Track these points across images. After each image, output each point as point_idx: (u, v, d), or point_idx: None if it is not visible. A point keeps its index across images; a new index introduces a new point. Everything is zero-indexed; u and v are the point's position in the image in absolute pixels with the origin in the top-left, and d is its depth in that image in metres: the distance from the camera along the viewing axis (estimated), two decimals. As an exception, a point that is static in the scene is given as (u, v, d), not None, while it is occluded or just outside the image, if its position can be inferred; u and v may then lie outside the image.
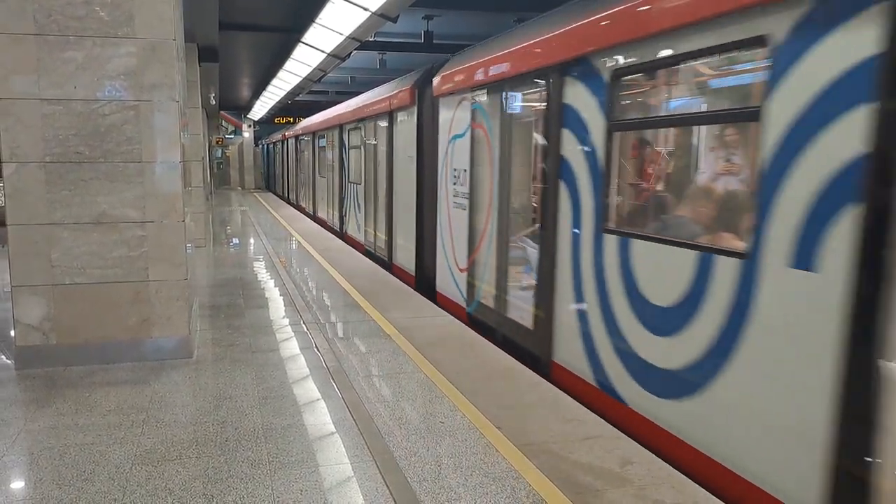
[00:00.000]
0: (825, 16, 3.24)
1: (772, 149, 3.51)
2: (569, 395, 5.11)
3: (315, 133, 20.11)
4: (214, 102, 22.63)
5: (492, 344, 6.36)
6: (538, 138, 6.41)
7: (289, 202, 27.59)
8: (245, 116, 38.86)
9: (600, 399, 5.06)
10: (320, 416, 4.60)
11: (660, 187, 5.49)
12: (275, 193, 35.05)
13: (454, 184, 8.19)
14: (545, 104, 5.88)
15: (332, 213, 17.07)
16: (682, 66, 4.58)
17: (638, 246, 4.65)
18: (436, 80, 8.81)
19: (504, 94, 6.85)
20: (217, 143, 36.55)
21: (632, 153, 5.47)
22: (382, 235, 11.80)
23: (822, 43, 3.25)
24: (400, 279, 9.93)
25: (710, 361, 3.95)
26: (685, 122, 5.30)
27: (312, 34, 12.37)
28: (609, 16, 4.91)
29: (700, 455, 4.01)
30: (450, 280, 8.38)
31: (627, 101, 5.37)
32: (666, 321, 4.33)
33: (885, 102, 2.94)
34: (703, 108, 5.22)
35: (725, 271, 3.83)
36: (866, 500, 3.03)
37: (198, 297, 7.69)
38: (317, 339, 6.48)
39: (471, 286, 7.67)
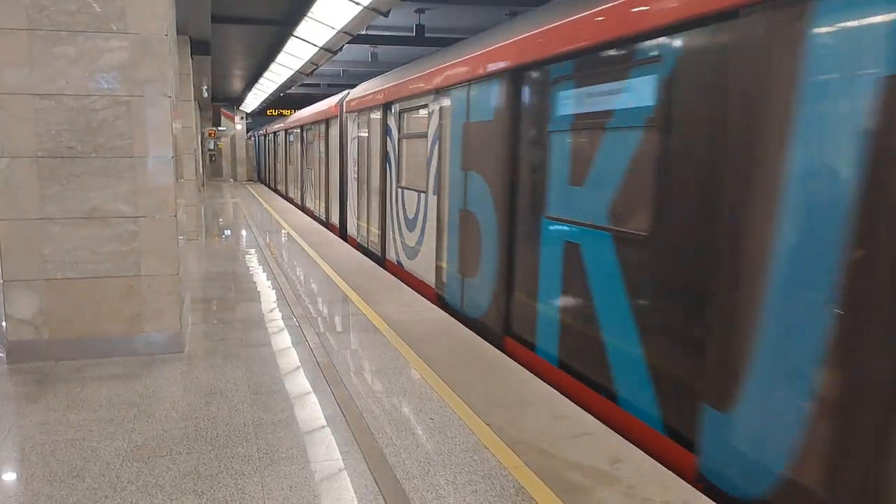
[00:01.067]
0: None
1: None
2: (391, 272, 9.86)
3: (287, 130, 25.69)
4: (207, 95, 22.58)
5: (484, 341, 6.39)
6: (378, 142, 11.35)
7: (273, 190, 31.82)
8: (237, 108, 38.75)
9: (393, 267, 10.53)
10: (311, 412, 4.63)
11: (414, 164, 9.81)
12: (265, 184, 35.11)
13: (352, 168, 13.66)
14: (383, 123, 10.96)
15: (296, 191, 23.36)
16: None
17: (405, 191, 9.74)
18: (343, 102, 14.27)
19: (368, 115, 12.09)
20: (210, 135, 36.43)
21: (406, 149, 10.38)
22: (322, 203, 17.58)
23: None
24: (332, 232, 15.07)
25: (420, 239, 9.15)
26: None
27: (304, 28, 12.36)
28: (402, 83, 9.92)
29: (414, 278, 9.42)
30: (354, 226, 13.69)
31: (403, 124, 10.23)
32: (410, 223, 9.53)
33: None
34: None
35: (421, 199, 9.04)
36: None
37: (189, 290, 7.69)
38: (308, 333, 6.50)
39: (360, 227, 13.00)
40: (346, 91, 14.71)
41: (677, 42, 4.13)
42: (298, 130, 21.79)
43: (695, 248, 3.99)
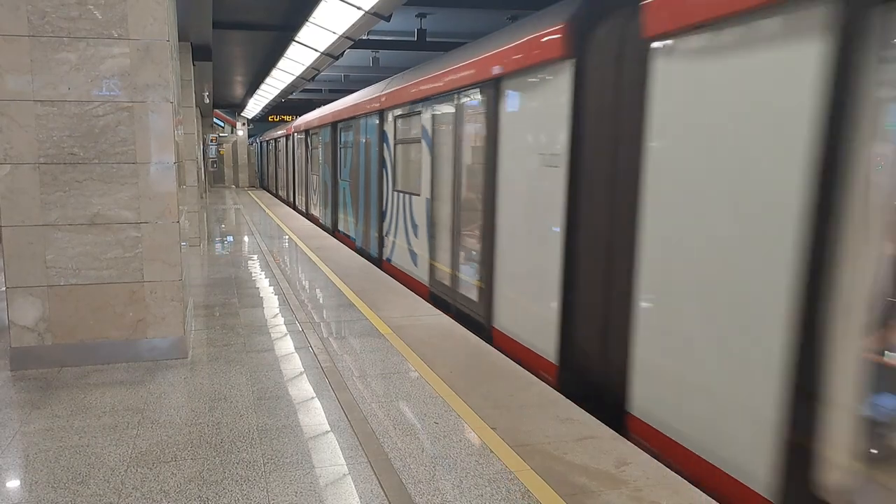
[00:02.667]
0: None
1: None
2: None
3: (276, 139, 30.28)
4: (208, 101, 22.59)
5: (487, 344, 6.38)
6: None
7: (268, 191, 34.87)
8: (239, 114, 38.78)
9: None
10: (315, 417, 4.61)
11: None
12: (267, 191, 35.11)
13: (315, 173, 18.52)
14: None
15: (287, 191, 26.85)
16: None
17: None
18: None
19: (319, 132, 16.70)
20: (211, 141, 36.48)
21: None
22: (302, 196, 21.66)
23: None
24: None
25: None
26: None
27: (306, 33, 12.36)
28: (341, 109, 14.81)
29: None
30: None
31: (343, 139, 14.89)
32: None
33: None
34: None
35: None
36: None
37: (192, 296, 7.69)
38: (311, 338, 6.49)
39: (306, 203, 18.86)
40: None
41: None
42: (284, 139, 23.99)
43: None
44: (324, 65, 15.15)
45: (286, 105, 34.18)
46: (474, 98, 7.31)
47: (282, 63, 16.50)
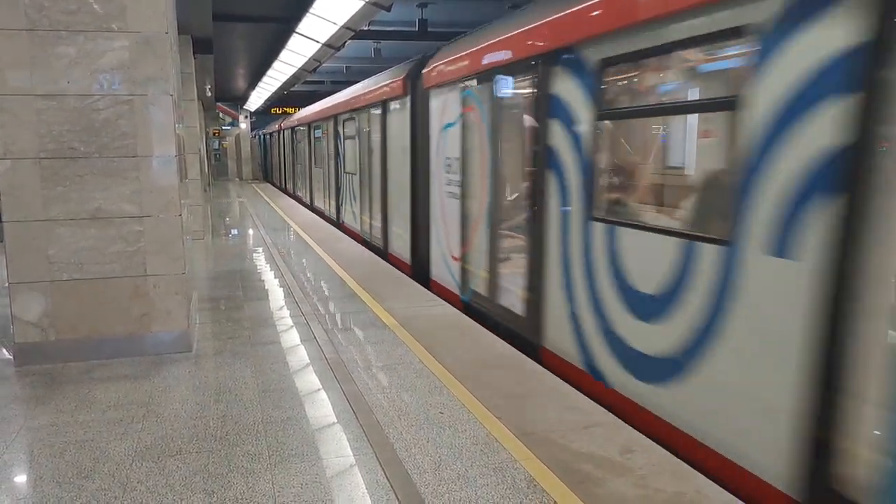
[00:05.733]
0: None
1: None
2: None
3: (271, 133, 34.32)
4: (210, 94, 22.57)
5: (490, 333, 6.36)
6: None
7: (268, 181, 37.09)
8: (241, 107, 38.74)
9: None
10: (320, 409, 4.61)
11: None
12: (271, 183, 35.15)
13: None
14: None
15: (283, 177, 29.63)
16: None
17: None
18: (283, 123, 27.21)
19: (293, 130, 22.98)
20: (214, 134, 36.45)
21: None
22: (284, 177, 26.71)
23: None
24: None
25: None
26: None
27: (307, 24, 12.33)
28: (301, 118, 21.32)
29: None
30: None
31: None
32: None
33: None
34: None
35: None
36: None
37: (196, 290, 7.68)
38: (316, 330, 6.48)
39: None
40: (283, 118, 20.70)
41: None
42: (277, 133, 27.48)
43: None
44: (325, 56, 15.12)
45: (288, 97, 34.11)
46: (370, 111, 11.98)
47: (283, 55, 16.47)
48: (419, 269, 9.55)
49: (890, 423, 2.84)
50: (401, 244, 10.47)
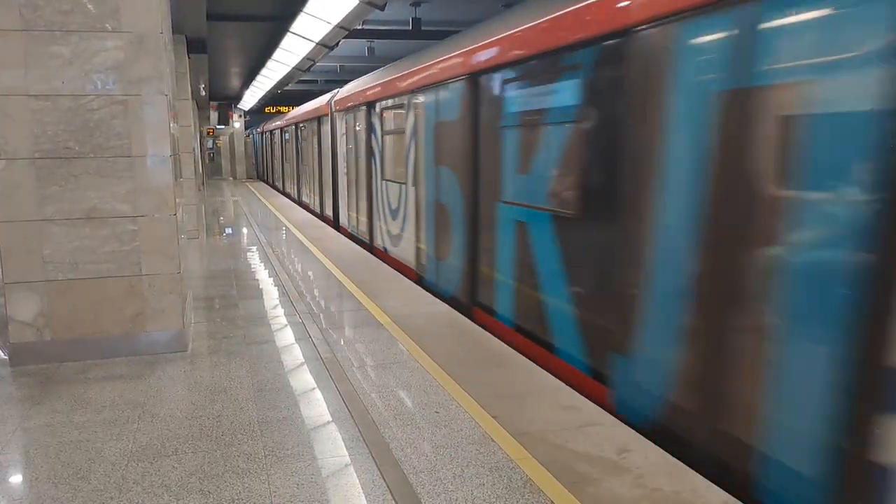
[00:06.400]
0: None
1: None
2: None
3: (264, 131, 36.33)
4: (204, 93, 22.53)
5: (486, 332, 6.37)
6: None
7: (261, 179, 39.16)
8: (235, 106, 38.64)
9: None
10: (316, 408, 4.61)
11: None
12: (264, 181, 35.18)
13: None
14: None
15: (271, 174, 32.76)
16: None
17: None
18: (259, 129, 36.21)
19: (271, 133, 28.96)
20: (208, 133, 36.38)
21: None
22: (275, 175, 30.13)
23: None
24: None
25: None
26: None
27: (300, 23, 12.30)
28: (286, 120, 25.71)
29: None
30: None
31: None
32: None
33: None
34: None
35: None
36: None
37: (191, 289, 7.67)
38: (311, 329, 6.48)
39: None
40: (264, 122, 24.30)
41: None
42: (269, 134, 33.10)
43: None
44: (319, 55, 15.09)
45: (282, 96, 34.09)
46: (313, 123, 17.47)
47: (277, 54, 16.43)
48: (336, 221, 15.67)
49: None
50: (327, 206, 16.71)
